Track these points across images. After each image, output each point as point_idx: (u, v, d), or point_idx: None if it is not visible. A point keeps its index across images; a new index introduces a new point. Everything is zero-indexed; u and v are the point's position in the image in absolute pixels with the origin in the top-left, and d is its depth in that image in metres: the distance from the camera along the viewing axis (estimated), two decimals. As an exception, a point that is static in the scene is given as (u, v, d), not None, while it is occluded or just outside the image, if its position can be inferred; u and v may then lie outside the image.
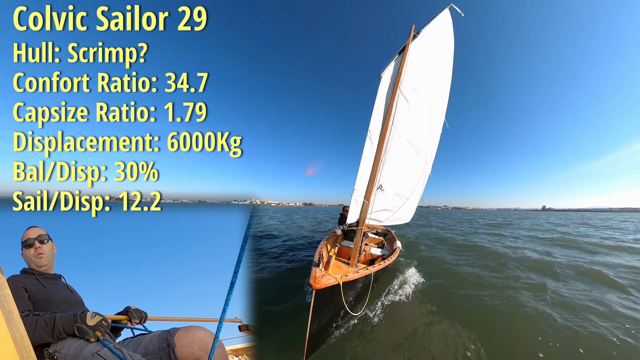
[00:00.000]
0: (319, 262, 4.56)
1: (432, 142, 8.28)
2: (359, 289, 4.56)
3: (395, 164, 7.05)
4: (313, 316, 3.30)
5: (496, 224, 27.77)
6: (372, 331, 4.21)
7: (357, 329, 4.23)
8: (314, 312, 3.31)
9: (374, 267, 4.63)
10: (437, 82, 8.05)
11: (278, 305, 5.12)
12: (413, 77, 7.00)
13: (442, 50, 8.12)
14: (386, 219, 7.42)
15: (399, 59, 6.80)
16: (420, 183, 8.09)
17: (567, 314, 4.64)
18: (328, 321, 3.86)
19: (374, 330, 4.25)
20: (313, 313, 3.28)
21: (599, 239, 14.51)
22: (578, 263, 8.42)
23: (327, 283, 3.39)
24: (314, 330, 3.43)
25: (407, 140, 7.18)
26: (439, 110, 8.30)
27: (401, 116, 6.84)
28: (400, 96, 6.71)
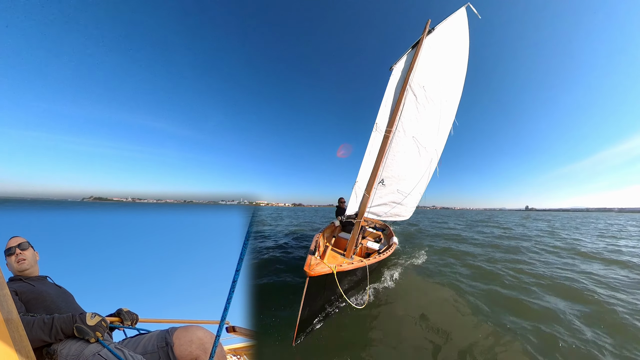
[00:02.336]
0: (315, 251, 4.60)
1: (439, 141, 8.15)
2: (352, 280, 4.62)
3: (399, 159, 6.97)
4: (305, 302, 3.36)
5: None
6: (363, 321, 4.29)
7: (348, 319, 4.31)
8: (306, 299, 3.38)
9: (369, 260, 4.67)
10: (449, 81, 7.83)
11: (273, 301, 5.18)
12: (425, 74, 6.80)
13: (457, 49, 7.84)
14: (385, 214, 7.43)
15: (412, 53, 6.58)
16: (423, 182, 8.04)
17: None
18: (319, 308, 3.94)
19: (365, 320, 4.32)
20: (305, 299, 3.35)
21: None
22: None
23: (321, 271, 3.44)
24: (305, 316, 3.50)
25: (413, 137, 7.07)
26: (449, 110, 8.11)
27: (409, 112, 6.71)
28: (410, 92, 6.54)
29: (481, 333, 3.95)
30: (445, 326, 4.14)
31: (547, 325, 4.18)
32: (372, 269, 5.15)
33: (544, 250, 10.68)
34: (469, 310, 4.77)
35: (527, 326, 4.15)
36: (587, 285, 6.10)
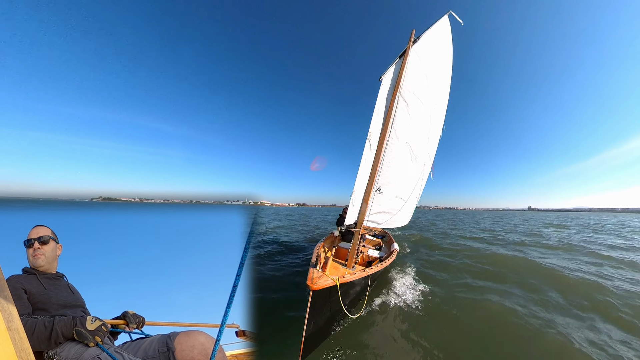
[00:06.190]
0: (316, 263, 4.53)
1: (431, 146, 8.33)
2: (356, 290, 4.54)
3: (395, 166, 7.06)
4: (310, 317, 3.27)
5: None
6: (369, 332, 4.20)
7: (354, 330, 4.21)
8: (311, 313, 3.29)
9: (371, 269, 4.60)
10: (436, 87, 8.10)
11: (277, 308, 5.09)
12: (413, 81, 7.04)
13: (442, 55, 8.17)
14: (384, 222, 7.42)
15: (399, 62, 6.82)
16: (418, 186, 8.12)
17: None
18: (325, 322, 3.83)
19: (370, 331, 4.24)
20: (310, 314, 3.26)
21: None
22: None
23: (324, 284, 3.36)
24: (311, 332, 3.40)
25: (407, 143, 7.20)
26: (438, 114, 8.36)
27: (401, 119, 6.87)
28: (401, 99, 6.73)
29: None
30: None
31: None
32: (375, 278, 5.09)
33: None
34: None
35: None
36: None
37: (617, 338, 4.11)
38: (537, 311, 5.04)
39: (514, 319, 4.69)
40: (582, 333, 4.21)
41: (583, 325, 4.49)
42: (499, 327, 4.47)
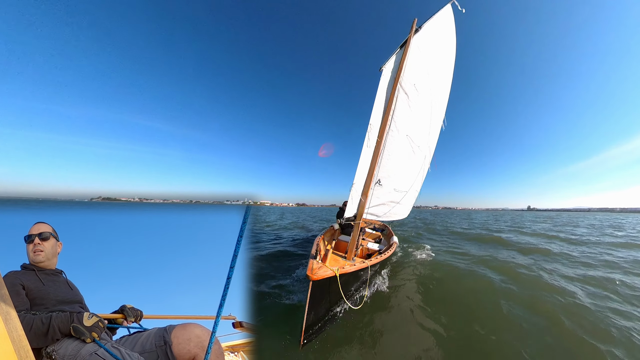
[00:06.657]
0: (316, 255, 4.59)
1: (432, 138, 8.25)
2: (356, 281, 4.62)
3: (394, 158, 7.02)
4: (310, 307, 3.36)
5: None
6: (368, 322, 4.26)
7: (354, 320, 4.28)
8: (311, 303, 3.37)
9: (370, 261, 4.67)
10: (438, 79, 7.95)
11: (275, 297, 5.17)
12: (414, 72, 6.91)
13: (444, 46, 7.98)
14: (384, 214, 7.44)
15: (400, 52, 6.69)
16: (418, 179, 8.09)
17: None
18: (324, 312, 3.93)
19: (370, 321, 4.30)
20: (310, 304, 3.35)
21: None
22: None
23: (324, 275, 3.44)
24: (311, 321, 3.49)
25: (407, 136, 7.14)
26: (439, 107, 8.23)
27: (401, 111, 6.78)
28: (401, 91, 6.63)
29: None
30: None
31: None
32: (374, 270, 5.16)
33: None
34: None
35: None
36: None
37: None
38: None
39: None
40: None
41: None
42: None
